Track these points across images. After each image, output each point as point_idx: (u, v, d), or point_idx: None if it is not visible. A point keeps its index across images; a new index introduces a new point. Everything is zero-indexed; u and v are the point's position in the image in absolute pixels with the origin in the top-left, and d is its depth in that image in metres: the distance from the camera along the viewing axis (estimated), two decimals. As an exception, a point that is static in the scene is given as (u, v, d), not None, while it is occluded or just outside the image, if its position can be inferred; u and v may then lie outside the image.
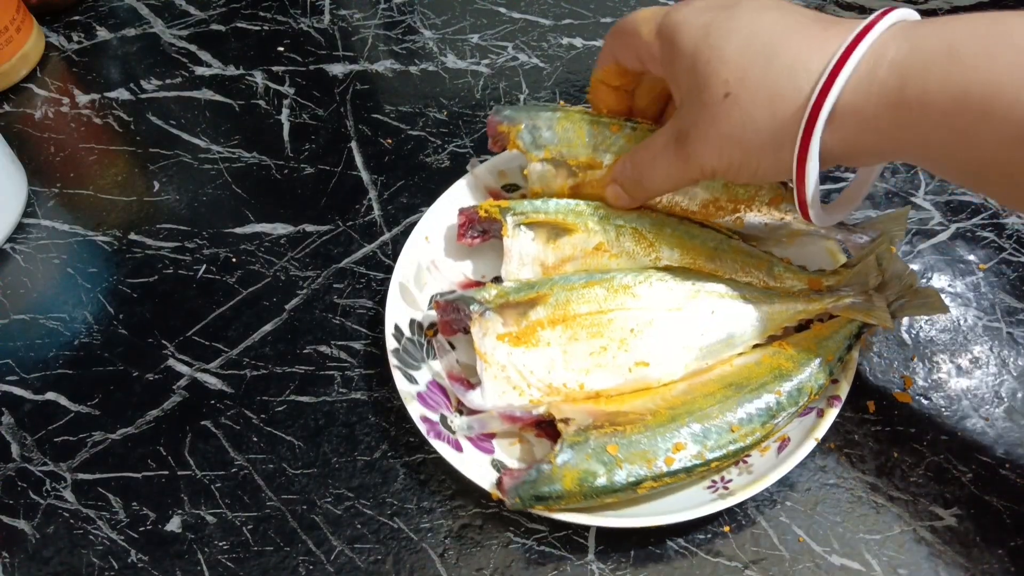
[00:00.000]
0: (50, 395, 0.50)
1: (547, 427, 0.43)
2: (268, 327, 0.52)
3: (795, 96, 0.35)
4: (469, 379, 0.44)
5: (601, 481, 0.39)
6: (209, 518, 0.44)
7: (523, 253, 0.47)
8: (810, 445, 0.40)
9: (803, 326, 0.45)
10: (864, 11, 0.64)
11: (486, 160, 0.53)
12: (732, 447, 0.40)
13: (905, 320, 0.48)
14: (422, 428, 0.42)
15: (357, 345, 0.50)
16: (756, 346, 0.44)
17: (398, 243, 0.54)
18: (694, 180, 0.43)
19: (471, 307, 0.43)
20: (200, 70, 0.67)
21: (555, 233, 0.47)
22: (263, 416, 0.48)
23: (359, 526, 0.44)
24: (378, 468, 0.45)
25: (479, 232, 0.49)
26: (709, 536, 0.42)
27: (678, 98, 0.41)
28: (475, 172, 0.52)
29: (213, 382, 0.49)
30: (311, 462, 0.46)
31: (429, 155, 0.59)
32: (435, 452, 0.41)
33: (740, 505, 0.41)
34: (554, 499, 0.39)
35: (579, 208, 0.48)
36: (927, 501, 0.42)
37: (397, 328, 0.46)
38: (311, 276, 0.54)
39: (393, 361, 0.45)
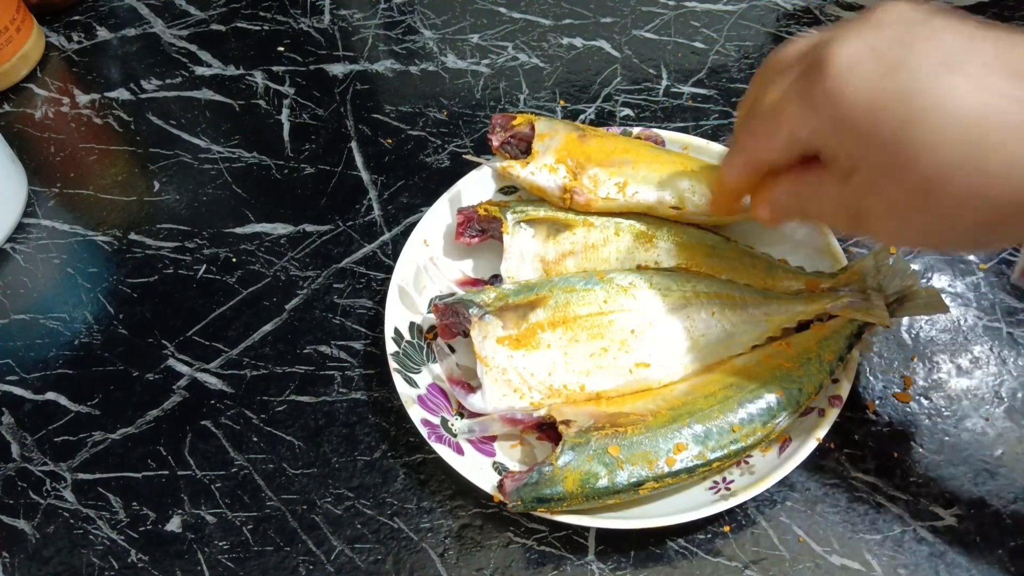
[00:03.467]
0: (50, 395, 0.50)
1: (548, 429, 0.43)
2: (268, 327, 0.52)
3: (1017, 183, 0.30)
4: (470, 382, 0.44)
5: (603, 482, 0.39)
6: (209, 518, 0.44)
7: (523, 250, 0.47)
8: (812, 445, 0.40)
9: (803, 326, 0.45)
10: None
11: (488, 161, 0.53)
12: (733, 447, 0.40)
13: (905, 320, 0.48)
14: (423, 432, 0.42)
15: (357, 345, 0.50)
16: (756, 347, 0.44)
17: (398, 243, 0.54)
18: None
19: (470, 311, 0.43)
20: (200, 70, 0.67)
21: (555, 229, 0.47)
22: (263, 416, 0.48)
23: (359, 526, 0.44)
24: (378, 468, 0.45)
25: (478, 231, 0.48)
26: (709, 536, 0.42)
27: (834, 155, 0.34)
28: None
29: (213, 382, 0.49)
30: (311, 462, 0.46)
31: (429, 155, 0.59)
32: (435, 452, 0.42)
33: (740, 505, 0.41)
34: (556, 501, 0.39)
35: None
36: (927, 501, 0.42)
37: (397, 331, 0.46)
38: (311, 276, 0.54)
39: (393, 365, 0.45)
